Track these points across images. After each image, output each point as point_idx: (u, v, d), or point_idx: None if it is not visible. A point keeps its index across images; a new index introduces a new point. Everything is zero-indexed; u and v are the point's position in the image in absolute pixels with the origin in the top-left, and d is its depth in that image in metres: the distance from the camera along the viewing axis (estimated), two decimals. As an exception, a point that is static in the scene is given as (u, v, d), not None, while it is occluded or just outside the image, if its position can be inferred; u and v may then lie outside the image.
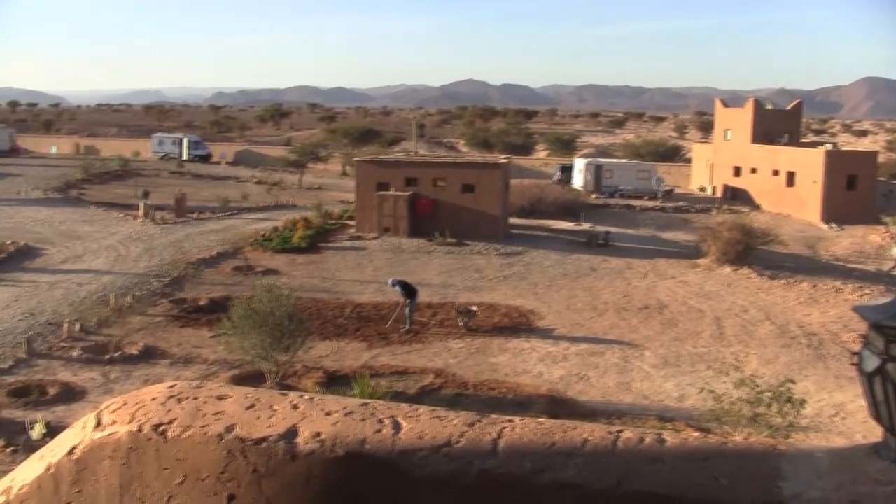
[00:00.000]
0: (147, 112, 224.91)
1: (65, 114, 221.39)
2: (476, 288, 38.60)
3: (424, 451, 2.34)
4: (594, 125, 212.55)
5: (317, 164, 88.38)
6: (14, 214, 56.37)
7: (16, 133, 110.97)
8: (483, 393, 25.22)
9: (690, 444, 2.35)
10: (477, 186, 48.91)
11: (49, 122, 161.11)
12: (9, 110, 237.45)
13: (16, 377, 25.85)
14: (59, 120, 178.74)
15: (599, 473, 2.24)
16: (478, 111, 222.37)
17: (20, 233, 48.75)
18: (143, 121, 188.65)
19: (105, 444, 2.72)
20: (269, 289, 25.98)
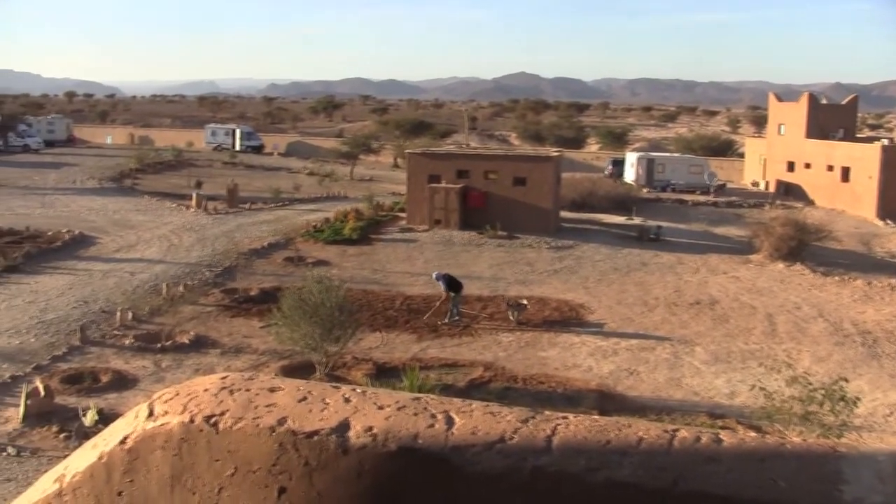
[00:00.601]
0: (201, 103, 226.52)
1: (120, 104, 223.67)
2: (526, 281, 38.53)
3: (477, 447, 2.32)
4: (646, 119, 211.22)
5: (368, 156, 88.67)
6: (69, 203, 57.09)
7: (72, 123, 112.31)
8: (532, 387, 25.19)
9: (748, 444, 2.31)
10: (528, 180, 48.80)
11: (105, 112, 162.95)
12: (66, 101, 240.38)
13: (69, 364, 26.19)
14: (115, 110, 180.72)
15: (655, 473, 2.21)
16: (530, 104, 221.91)
17: (75, 221, 49.36)
18: (197, 112, 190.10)
19: (157, 435, 2.72)
20: (319, 280, 26.07)
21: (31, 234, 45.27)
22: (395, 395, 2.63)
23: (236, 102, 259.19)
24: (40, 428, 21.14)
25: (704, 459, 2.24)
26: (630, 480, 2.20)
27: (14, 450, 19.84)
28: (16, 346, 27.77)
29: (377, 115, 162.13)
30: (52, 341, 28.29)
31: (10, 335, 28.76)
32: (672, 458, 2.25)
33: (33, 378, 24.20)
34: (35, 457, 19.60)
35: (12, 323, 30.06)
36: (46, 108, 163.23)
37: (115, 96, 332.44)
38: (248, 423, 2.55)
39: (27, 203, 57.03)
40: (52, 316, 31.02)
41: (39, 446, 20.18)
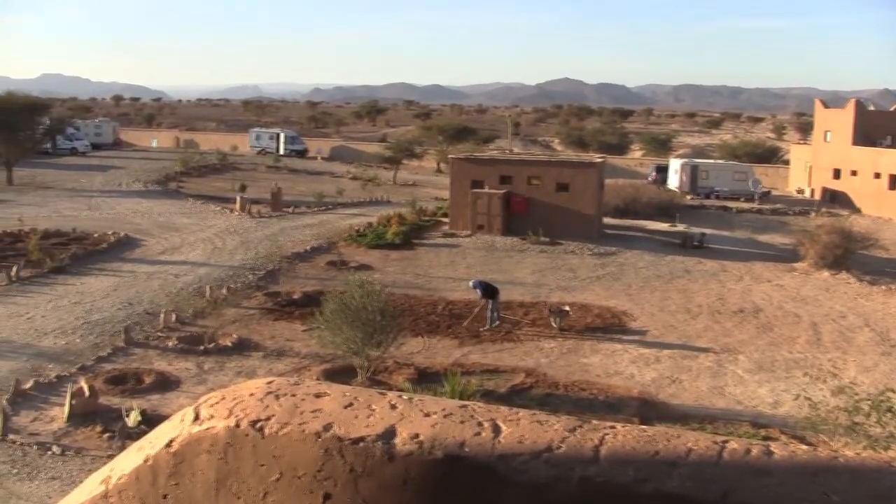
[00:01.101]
0: (245, 107, 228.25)
1: (166, 108, 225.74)
2: (569, 288, 38.43)
3: (524, 456, 2.30)
4: (690, 125, 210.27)
5: (412, 161, 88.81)
6: (115, 206, 57.64)
7: (119, 127, 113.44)
8: (574, 393, 25.11)
9: (799, 457, 2.28)
10: (571, 185, 48.69)
11: (150, 116, 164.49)
12: (113, 104, 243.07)
13: (113, 365, 26.42)
14: (160, 114, 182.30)
15: (704, 485, 2.17)
16: (573, 110, 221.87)
17: (121, 224, 49.82)
18: (242, 116, 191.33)
19: (202, 438, 2.72)
20: (361, 284, 26.11)
21: (78, 236, 45.76)
22: (441, 402, 2.62)
23: (280, 107, 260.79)
24: (84, 428, 21.33)
25: (755, 472, 2.20)
26: (679, 492, 2.17)
27: (59, 449, 20.03)
28: (62, 346, 28.06)
29: (421, 120, 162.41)
30: (97, 342, 28.56)
31: (56, 336, 29.06)
32: (722, 470, 2.22)
33: (78, 378, 24.43)
34: (79, 456, 19.77)
35: (59, 323, 30.38)
36: (94, 112, 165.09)
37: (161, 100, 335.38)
38: (294, 428, 2.55)
39: (74, 205, 57.63)
40: (97, 317, 31.32)
41: (83, 446, 20.36)
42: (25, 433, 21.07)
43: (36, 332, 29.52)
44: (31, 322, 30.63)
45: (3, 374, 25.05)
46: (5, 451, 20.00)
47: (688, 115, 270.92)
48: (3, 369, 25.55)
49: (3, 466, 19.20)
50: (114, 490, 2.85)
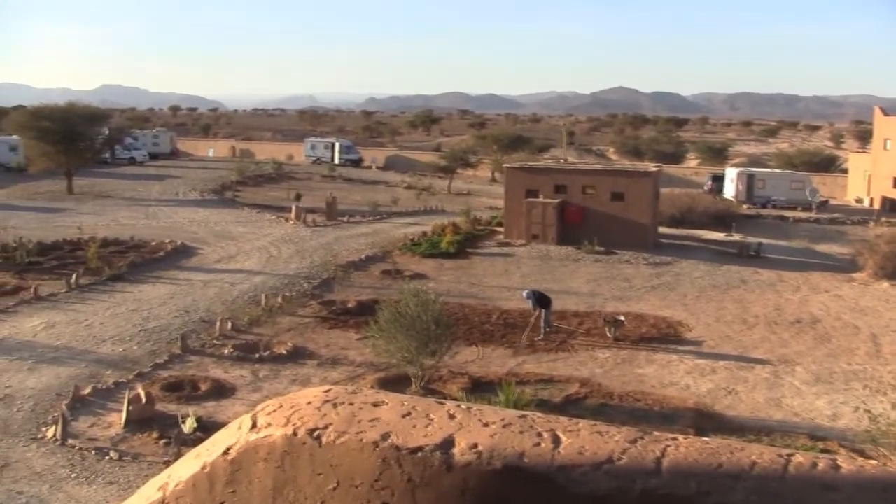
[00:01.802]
0: (301, 117, 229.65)
1: (222, 118, 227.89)
2: (624, 297, 38.22)
3: (585, 468, 2.27)
4: (746, 134, 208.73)
5: (466, 170, 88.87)
6: (172, 214, 58.23)
7: (176, 136, 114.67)
8: (629, 404, 24.94)
9: (868, 472, 2.22)
10: (627, 195, 48.46)
11: (207, 125, 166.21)
12: (170, 114, 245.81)
13: (170, 372, 26.64)
14: (217, 124, 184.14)
15: (769, 499, 2.13)
16: (628, 119, 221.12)
17: (178, 232, 50.31)
18: (297, 125, 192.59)
19: (260, 446, 2.72)
20: (416, 293, 26.11)
21: (136, 244, 46.28)
22: (500, 412, 2.60)
23: (335, 116, 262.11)
24: (141, 434, 21.52)
25: (822, 487, 2.15)
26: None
27: (116, 454, 20.22)
28: (119, 353, 28.35)
29: (475, 129, 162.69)
30: (153, 349, 28.83)
31: (114, 342, 29.38)
32: (787, 484, 2.17)
33: (135, 385, 24.66)
34: (136, 461, 19.94)
35: (116, 331, 30.72)
36: (152, 122, 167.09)
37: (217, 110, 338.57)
38: (352, 437, 2.54)
39: (132, 214, 58.32)
40: (154, 324, 31.63)
41: (140, 451, 20.54)
42: (84, 438, 21.30)
43: (95, 338, 29.87)
44: (90, 329, 31.01)
45: (62, 380, 25.36)
46: (65, 455, 20.24)
47: (744, 123, 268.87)
48: (63, 375, 25.87)
49: (62, 470, 19.42)
50: (171, 497, 2.86)
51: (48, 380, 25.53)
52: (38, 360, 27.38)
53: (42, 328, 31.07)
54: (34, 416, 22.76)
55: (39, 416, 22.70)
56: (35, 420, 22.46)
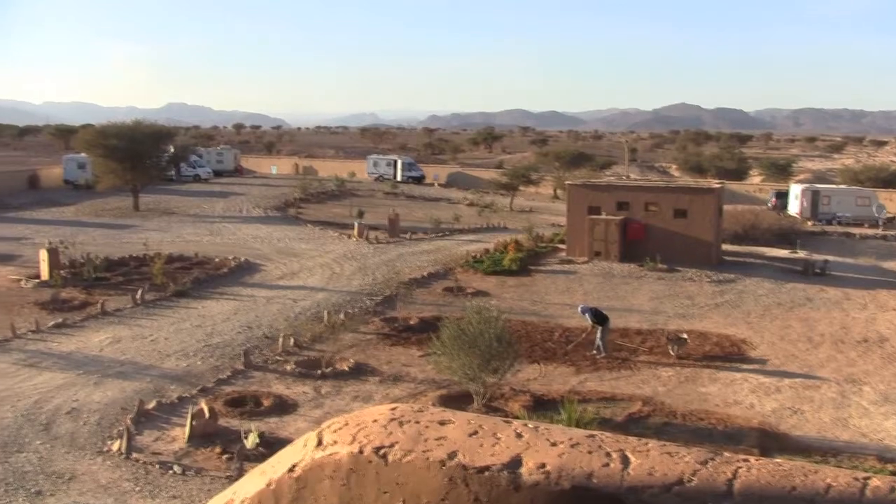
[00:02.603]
0: (363, 134, 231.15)
1: (285, 136, 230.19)
2: (687, 315, 37.88)
3: (654, 489, 2.24)
4: (811, 150, 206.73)
5: (528, 187, 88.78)
6: (236, 231, 58.77)
7: (240, 154, 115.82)
8: (692, 423, 24.66)
9: (945, 495, 2.17)
10: (689, 211, 48.08)
11: (271, 143, 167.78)
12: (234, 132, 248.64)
13: (233, 387, 26.80)
14: (280, 142, 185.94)
15: (845, 523, 2.09)
16: (690, 135, 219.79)
17: (241, 249, 50.75)
18: (359, 143, 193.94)
19: (325, 464, 2.71)
20: (478, 310, 26.05)
21: (200, 261, 46.75)
22: (568, 431, 2.57)
23: (397, 133, 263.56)
24: (204, 448, 21.67)
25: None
26: (817, 530, 2.09)
27: (179, 468, 20.37)
28: (183, 368, 28.61)
29: (537, 146, 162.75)
30: (217, 364, 29.05)
31: (178, 358, 29.66)
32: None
33: (199, 400, 24.84)
34: (199, 476, 20.07)
35: (180, 346, 31.02)
36: (216, 140, 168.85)
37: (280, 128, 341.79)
38: (418, 455, 2.53)
39: (196, 230, 58.94)
40: (217, 340, 31.89)
41: (203, 466, 20.67)
42: (148, 452, 21.50)
43: (159, 353, 30.18)
44: (155, 344, 31.34)
45: (127, 394, 25.64)
46: (129, 468, 20.43)
47: (808, 139, 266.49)
48: (128, 389, 26.15)
49: (126, 484, 19.60)
50: (237, 513, 2.87)
51: (114, 394, 25.83)
52: (104, 374, 27.72)
53: (108, 343, 31.47)
54: (100, 429, 23.03)
55: (105, 430, 22.96)
56: (101, 433, 22.72)
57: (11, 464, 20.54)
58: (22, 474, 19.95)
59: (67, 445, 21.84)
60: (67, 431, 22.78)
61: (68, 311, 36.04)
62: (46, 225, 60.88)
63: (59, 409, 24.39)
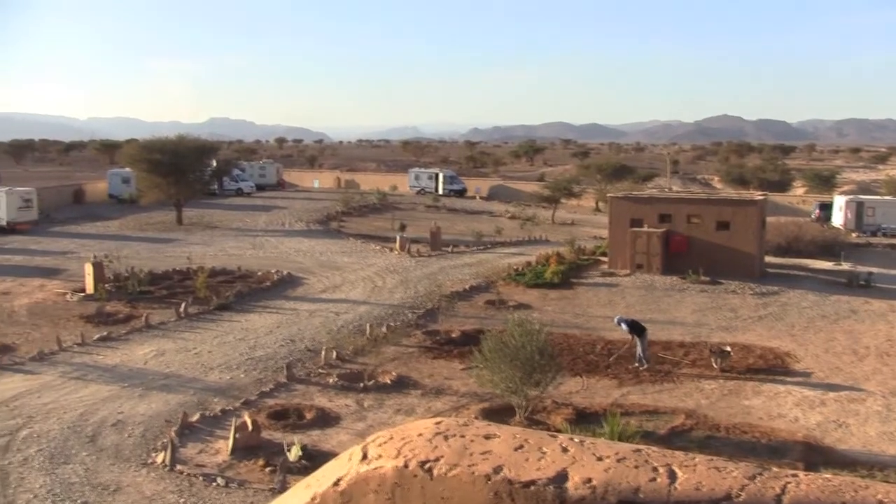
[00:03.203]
0: (405, 148, 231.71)
1: (327, 149, 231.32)
2: (730, 328, 37.61)
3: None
4: (855, 161, 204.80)
5: (570, 200, 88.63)
6: (278, 245, 59.03)
7: (282, 168, 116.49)
8: (735, 436, 24.47)
9: None
10: (732, 224, 47.78)
11: (313, 157, 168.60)
12: (276, 146, 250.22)
13: (276, 400, 26.91)
14: (322, 155, 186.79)
15: (896, 540, 2.07)
16: (733, 147, 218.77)
17: (284, 262, 50.98)
18: (401, 156, 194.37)
19: (370, 478, 2.72)
20: (520, 323, 25.99)
21: (243, 274, 47.00)
22: (614, 445, 2.56)
23: (439, 147, 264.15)
24: (247, 461, 21.76)
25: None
26: (867, 546, 2.07)
27: (223, 480, 20.46)
28: (227, 381, 28.76)
29: (578, 158, 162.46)
30: (260, 377, 29.18)
31: (221, 370, 29.83)
32: (916, 524, 2.10)
33: (242, 412, 24.95)
34: (242, 489, 20.15)
35: (224, 359, 31.19)
36: (258, 154, 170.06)
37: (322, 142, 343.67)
38: (463, 470, 2.52)
39: (239, 244, 59.26)
40: (260, 353, 32.03)
41: (246, 478, 20.75)
42: (192, 464, 21.62)
43: (203, 366, 30.36)
44: (199, 357, 31.53)
45: (171, 407, 25.80)
46: (173, 480, 20.55)
47: (852, 150, 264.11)
48: (172, 402, 26.32)
49: (171, 496, 19.71)
50: (282, 526, 2.88)
51: (158, 406, 26.00)
52: (149, 387, 27.92)
53: (152, 356, 31.70)
54: (144, 441, 23.20)
55: (149, 442, 23.12)
56: (145, 445, 22.88)
57: (59, 475, 20.74)
58: (69, 486, 20.13)
59: (113, 457, 22.01)
60: (113, 443, 22.96)
61: (113, 325, 36.37)
62: (91, 239, 61.43)
63: (105, 422, 24.60)
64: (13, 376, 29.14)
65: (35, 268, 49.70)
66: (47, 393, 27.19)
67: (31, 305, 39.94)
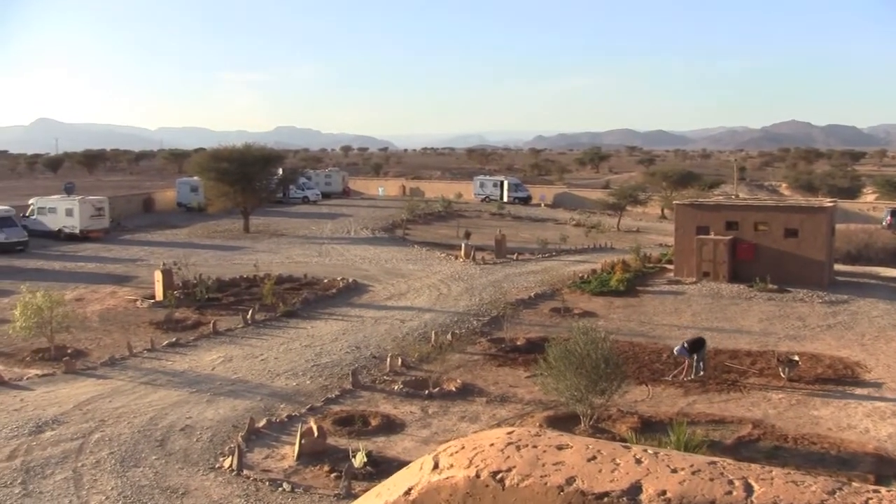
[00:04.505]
0: (469, 155, 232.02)
1: (392, 157, 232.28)
2: (798, 337, 37.13)
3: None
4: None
5: (635, 207, 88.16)
6: (344, 252, 59.37)
7: (347, 176, 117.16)
8: (804, 447, 24.13)
9: None
10: (800, 231, 47.18)
11: (378, 165, 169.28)
12: (342, 154, 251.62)
13: (341, 406, 27.02)
14: (387, 163, 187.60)
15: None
16: (801, 153, 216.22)
17: (349, 270, 51.26)
18: (466, 164, 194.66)
19: (442, 487, 2.72)
20: (585, 331, 25.86)
21: (309, 282, 47.33)
22: (688, 457, 2.54)
23: (504, 154, 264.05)
24: (313, 467, 21.86)
25: None
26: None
27: (289, 486, 20.59)
28: (293, 387, 28.95)
29: (644, 166, 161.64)
30: (325, 384, 29.34)
31: (287, 377, 30.04)
32: None
33: (308, 418, 25.10)
34: (307, 494, 20.26)
35: (290, 365, 31.41)
36: (324, 162, 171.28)
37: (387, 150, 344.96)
38: (536, 480, 2.52)
39: (305, 251, 59.70)
40: (326, 360, 32.22)
41: (312, 484, 20.85)
42: (258, 469, 21.78)
43: (269, 372, 30.61)
44: (265, 363, 31.79)
45: (238, 413, 26.04)
46: (240, 485, 20.73)
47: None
48: (239, 408, 26.56)
49: (237, 500, 19.88)
50: (353, 535, 2.90)
51: (225, 412, 26.26)
52: (216, 392, 28.21)
53: (220, 362, 32.03)
54: (212, 446, 23.43)
55: (217, 447, 23.35)
56: (213, 450, 23.11)
57: (129, 478, 21.04)
58: (139, 488, 20.40)
59: (181, 461, 22.26)
60: (181, 448, 23.22)
61: (181, 331, 36.82)
62: (161, 247, 62.26)
63: (174, 426, 24.89)
64: (86, 380, 29.65)
65: (107, 275, 50.50)
66: (118, 397, 27.61)
67: (102, 312, 40.56)
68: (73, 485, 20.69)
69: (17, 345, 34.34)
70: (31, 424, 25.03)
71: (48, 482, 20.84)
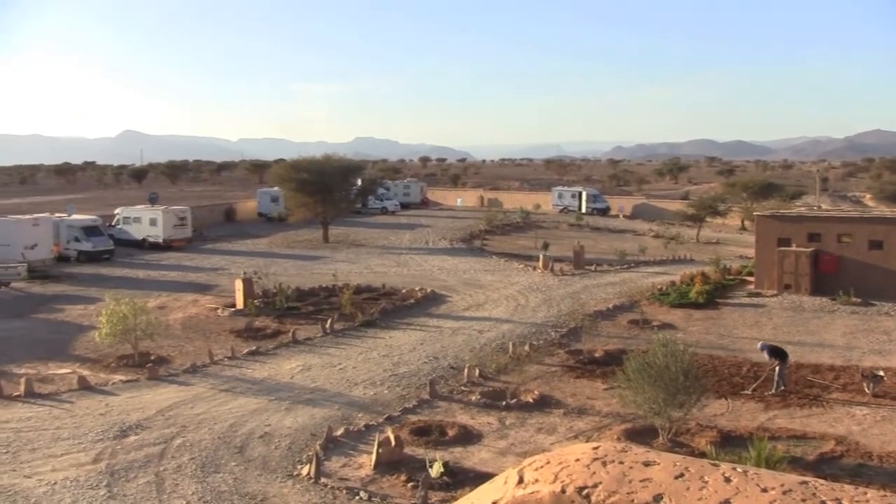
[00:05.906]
0: (547, 166, 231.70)
1: (470, 168, 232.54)
2: (883, 351, 36.41)
3: (873, 541, 2.17)
4: None
5: (715, 219, 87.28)
6: (422, 262, 59.55)
7: (426, 186, 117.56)
8: (890, 465, 23.65)
9: None
10: (886, 243, 46.33)
11: (456, 176, 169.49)
12: (420, 165, 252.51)
13: (419, 416, 27.06)
14: (465, 174, 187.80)
15: None
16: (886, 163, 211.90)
17: (427, 280, 51.40)
18: (544, 174, 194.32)
19: (527, 502, 2.72)
20: (664, 343, 25.62)
21: (387, 292, 47.55)
22: (779, 476, 2.52)
23: (582, 165, 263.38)
24: (390, 476, 21.92)
25: None
26: None
27: (366, 494, 20.66)
28: (371, 396, 29.08)
29: (724, 176, 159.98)
30: (403, 394, 29.43)
31: (365, 386, 30.19)
32: None
33: (385, 428, 25.18)
34: (384, 503, 20.32)
35: (368, 375, 31.57)
36: (402, 173, 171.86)
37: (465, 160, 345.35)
38: (622, 497, 2.51)
39: (384, 262, 59.99)
40: (403, 370, 32.33)
41: (388, 493, 20.91)
42: (336, 477, 21.90)
43: (347, 382, 30.79)
44: (343, 372, 31.99)
45: (317, 421, 26.22)
46: (318, 493, 20.86)
47: None
48: (318, 416, 26.75)
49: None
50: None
51: (303, 420, 26.46)
52: (295, 400, 28.44)
53: (299, 370, 32.30)
54: (290, 453, 23.62)
55: (295, 455, 23.54)
56: (291, 458, 23.30)
57: (209, 483, 21.30)
58: (218, 494, 20.64)
59: (260, 468, 22.48)
60: (260, 455, 23.45)
61: (261, 339, 37.23)
62: (241, 256, 63.00)
63: (253, 433, 25.15)
64: (168, 387, 30.10)
65: (189, 283, 51.24)
66: (199, 404, 27.97)
67: (184, 319, 41.14)
68: (155, 489, 21.00)
69: (103, 351, 35.03)
70: (115, 429, 25.49)
71: (131, 485, 21.19)
